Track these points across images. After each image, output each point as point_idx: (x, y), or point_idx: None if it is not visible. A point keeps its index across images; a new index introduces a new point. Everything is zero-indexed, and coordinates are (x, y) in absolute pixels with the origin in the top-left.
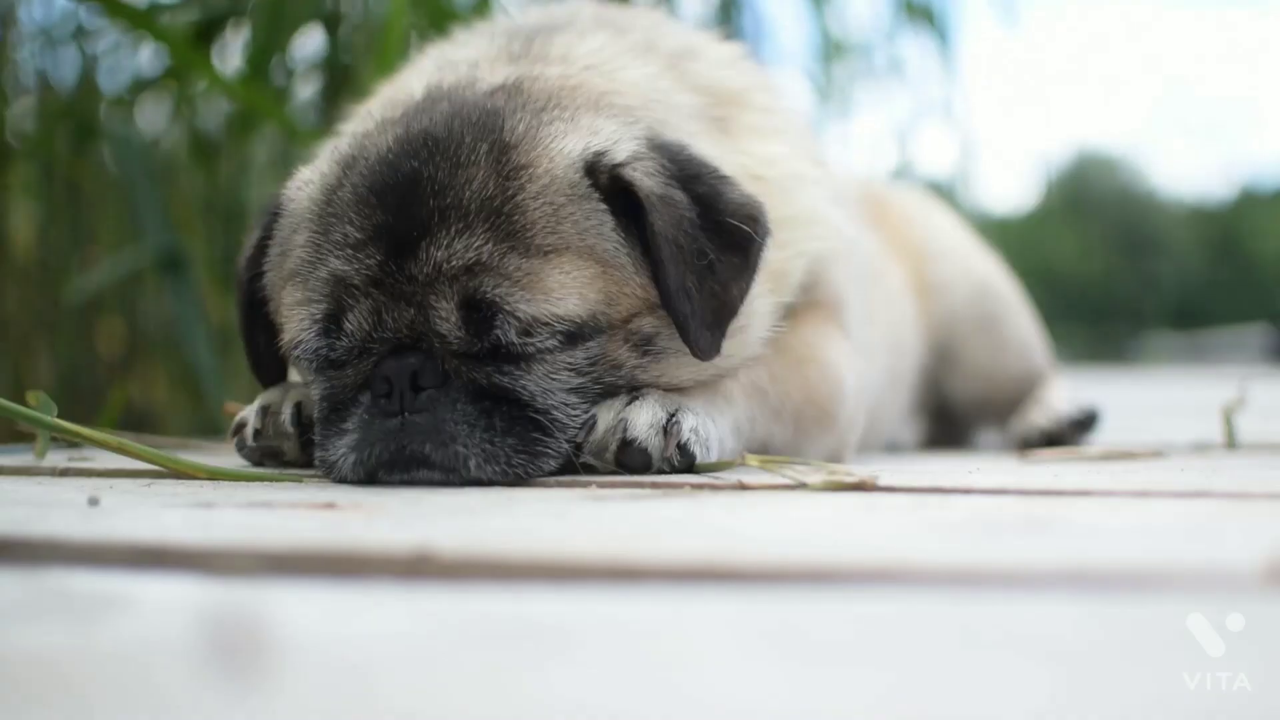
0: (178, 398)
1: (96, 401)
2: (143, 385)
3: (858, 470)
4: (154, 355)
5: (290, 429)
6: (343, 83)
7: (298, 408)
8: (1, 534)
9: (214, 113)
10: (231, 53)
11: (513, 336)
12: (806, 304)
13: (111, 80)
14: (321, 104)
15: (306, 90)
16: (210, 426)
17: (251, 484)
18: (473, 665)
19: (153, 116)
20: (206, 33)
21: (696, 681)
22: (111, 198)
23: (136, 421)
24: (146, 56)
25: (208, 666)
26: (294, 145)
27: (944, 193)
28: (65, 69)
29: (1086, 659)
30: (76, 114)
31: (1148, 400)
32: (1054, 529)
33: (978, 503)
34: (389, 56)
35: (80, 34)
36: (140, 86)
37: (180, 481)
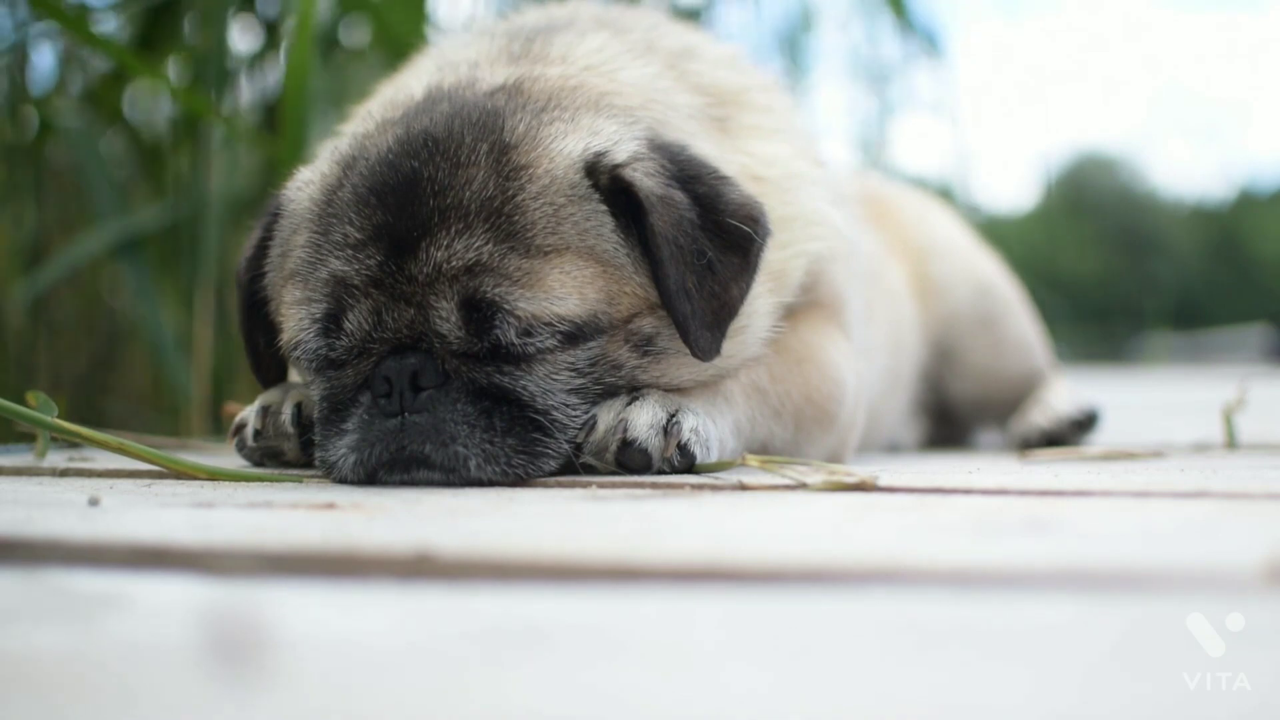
0: (159, 396)
1: (83, 403)
2: (123, 382)
3: (858, 470)
4: (139, 356)
5: (290, 429)
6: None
7: (298, 408)
8: (1, 534)
9: (161, 115)
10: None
11: (513, 336)
12: (807, 304)
13: (64, 76)
14: (264, 108)
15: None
16: (176, 410)
17: (251, 484)
18: (473, 665)
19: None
20: (150, 36)
21: (696, 680)
22: (62, 196)
23: (122, 423)
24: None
25: (207, 666)
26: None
27: (941, 192)
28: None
29: (1086, 659)
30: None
31: (1148, 400)
32: (1054, 529)
33: (978, 503)
34: (300, 55)
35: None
36: (90, 92)
37: (180, 481)
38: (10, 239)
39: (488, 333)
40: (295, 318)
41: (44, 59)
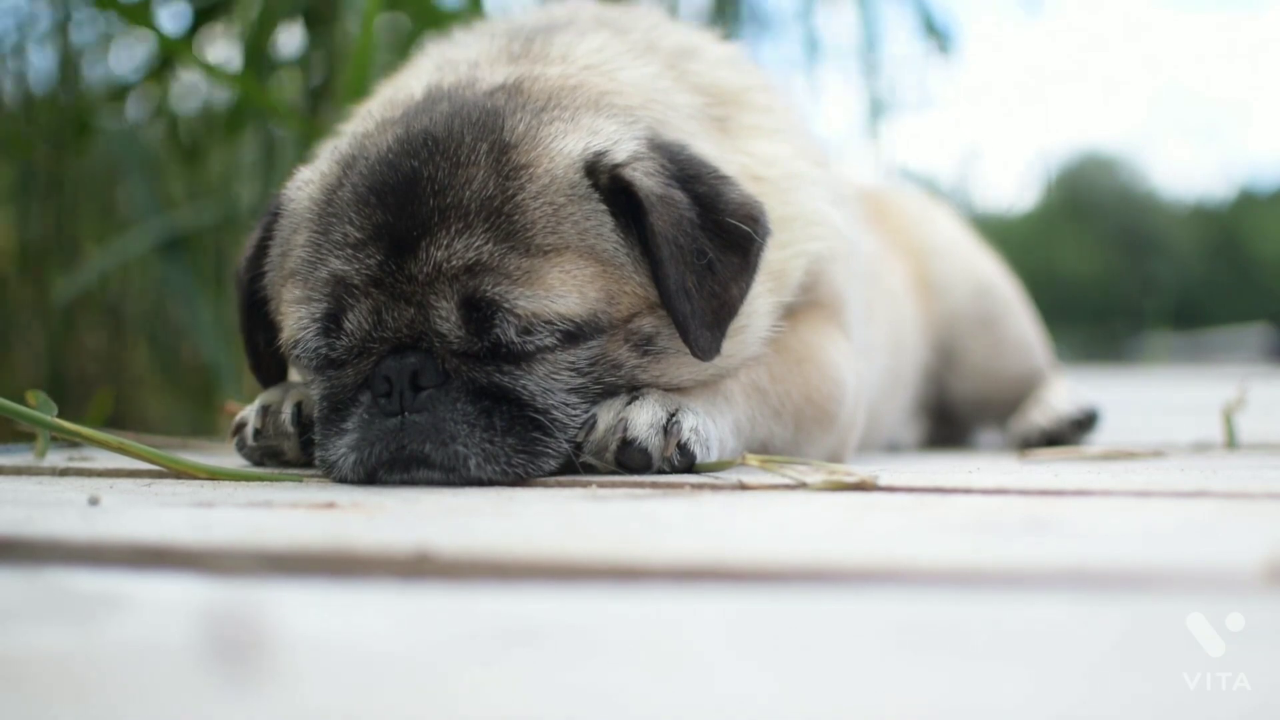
0: (167, 397)
1: (83, 401)
2: (131, 384)
3: (858, 470)
4: (141, 354)
5: (290, 429)
6: (331, 79)
7: (298, 407)
8: (1, 534)
9: (196, 113)
10: (216, 50)
11: (512, 335)
12: (806, 304)
13: (94, 75)
14: (309, 98)
15: (293, 84)
16: (209, 409)
17: (251, 484)
18: (472, 665)
19: (136, 116)
20: (194, 25)
21: (696, 680)
22: (95, 196)
23: (123, 421)
24: (134, 53)
25: (208, 666)
26: (285, 130)
27: (941, 193)
28: (48, 67)
29: (1086, 659)
30: (64, 111)
31: (1148, 400)
32: (1054, 529)
33: (978, 503)
34: (364, 53)
35: (62, 29)
36: (125, 87)
37: (180, 481)
38: (25, 238)
39: (488, 332)
40: (295, 317)
41: (45, 59)
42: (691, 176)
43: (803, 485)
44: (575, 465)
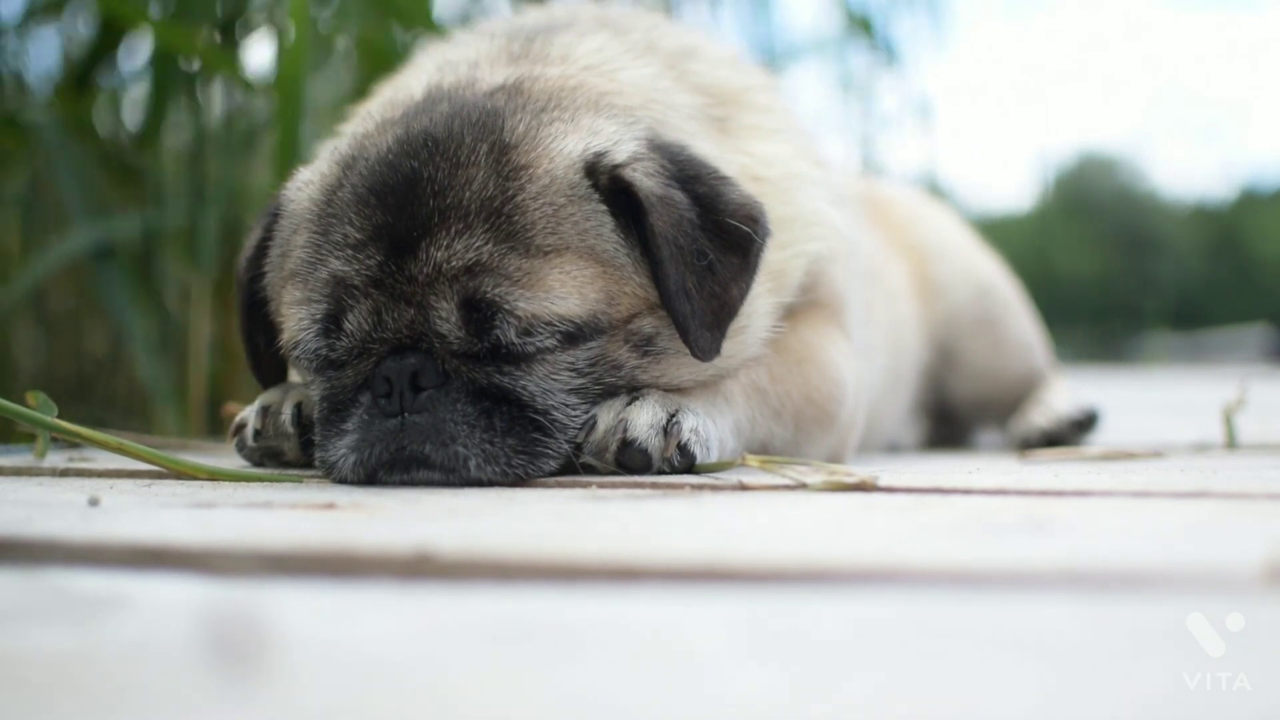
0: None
1: (81, 403)
2: (128, 384)
3: (858, 470)
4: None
5: (290, 429)
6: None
7: (298, 408)
8: (1, 534)
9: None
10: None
11: (513, 336)
12: (806, 304)
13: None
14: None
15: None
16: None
17: (251, 484)
18: (473, 665)
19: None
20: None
21: (696, 681)
22: (29, 198)
23: (121, 420)
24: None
25: (208, 666)
26: (213, 136)
27: (941, 193)
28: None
29: (1086, 659)
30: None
31: (1148, 400)
32: (1054, 529)
33: (978, 503)
34: (294, 60)
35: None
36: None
37: (180, 481)
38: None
39: (488, 333)
40: (295, 318)
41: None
42: (691, 177)
43: (803, 486)
44: (575, 466)
